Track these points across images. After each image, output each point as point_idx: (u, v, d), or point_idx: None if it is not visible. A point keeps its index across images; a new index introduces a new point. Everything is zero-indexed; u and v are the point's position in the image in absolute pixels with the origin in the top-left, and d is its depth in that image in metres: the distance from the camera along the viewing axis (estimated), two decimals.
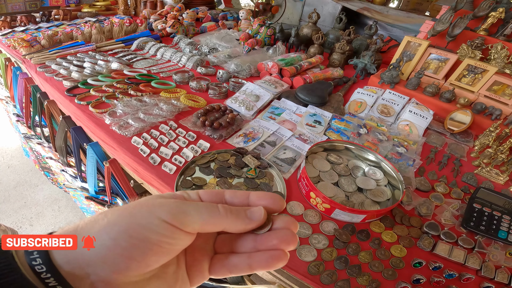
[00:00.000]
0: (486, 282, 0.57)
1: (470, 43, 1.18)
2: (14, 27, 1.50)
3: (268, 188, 0.67)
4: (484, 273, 0.58)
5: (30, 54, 1.19)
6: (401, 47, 1.25)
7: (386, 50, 1.61)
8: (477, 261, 0.60)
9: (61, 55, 1.20)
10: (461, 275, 0.57)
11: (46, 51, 1.22)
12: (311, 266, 0.55)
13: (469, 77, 1.13)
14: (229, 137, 0.82)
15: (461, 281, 0.57)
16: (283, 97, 1.04)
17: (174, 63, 1.27)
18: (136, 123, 0.81)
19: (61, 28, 1.49)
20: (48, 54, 1.21)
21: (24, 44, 1.22)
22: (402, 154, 0.89)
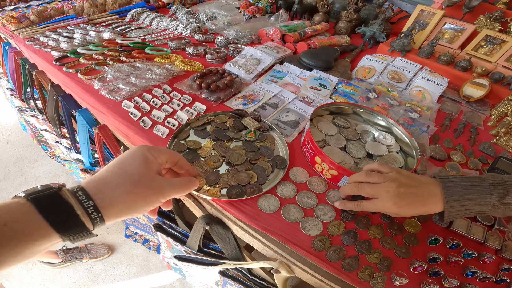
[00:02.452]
0: (505, 263, 0.52)
1: (489, 15, 1.12)
2: (4, 6, 1.44)
3: (269, 152, 0.62)
4: (505, 254, 0.52)
5: (19, 30, 1.13)
6: (413, 15, 1.17)
7: (395, 21, 1.52)
8: (497, 240, 0.54)
9: (50, 28, 1.14)
10: (480, 255, 0.52)
11: (35, 26, 1.16)
12: (316, 241, 0.50)
13: (487, 47, 1.07)
14: (227, 100, 0.76)
15: (480, 261, 0.52)
16: (286, 62, 0.97)
17: (171, 31, 1.20)
18: (127, 87, 0.76)
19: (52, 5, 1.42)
20: (38, 29, 1.14)
21: (13, 21, 1.16)
22: (415, 119, 0.82)
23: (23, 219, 0.27)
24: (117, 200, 0.32)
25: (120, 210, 0.32)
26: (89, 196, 0.30)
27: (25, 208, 0.27)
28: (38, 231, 0.27)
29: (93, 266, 1.39)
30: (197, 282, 1.01)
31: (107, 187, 0.32)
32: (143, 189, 0.34)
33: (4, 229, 0.26)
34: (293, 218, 0.53)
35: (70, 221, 0.29)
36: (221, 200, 0.53)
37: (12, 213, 0.27)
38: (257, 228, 0.52)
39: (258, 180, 0.55)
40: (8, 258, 0.26)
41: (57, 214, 0.28)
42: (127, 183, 0.33)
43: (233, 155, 0.58)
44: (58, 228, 0.28)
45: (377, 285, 0.46)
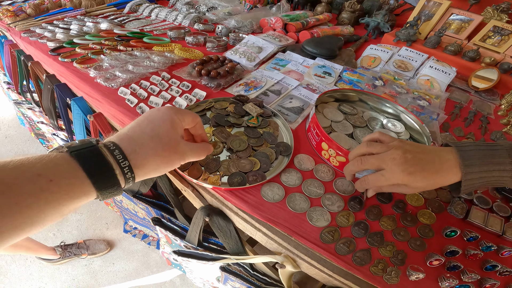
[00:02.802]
0: None
1: (496, 7, 1.10)
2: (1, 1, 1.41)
3: (273, 139, 0.58)
4: None
5: (15, 23, 1.11)
6: (418, 5, 1.15)
7: (399, 13, 1.49)
8: None
9: (47, 21, 1.11)
10: (500, 248, 0.48)
11: (32, 19, 1.14)
12: (324, 233, 0.46)
13: (495, 38, 1.05)
14: (228, 87, 0.73)
15: (499, 255, 0.48)
16: (288, 51, 0.93)
17: (170, 22, 1.17)
18: (124, 74, 0.72)
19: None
20: (34, 21, 1.12)
21: (9, 14, 1.14)
22: (425, 107, 0.79)
23: (69, 175, 0.27)
24: (148, 161, 0.33)
25: (149, 170, 0.34)
26: (125, 156, 0.31)
27: (70, 165, 0.28)
28: (81, 188, 0.28)
29: (92, 263, 1.36)
30: (197, 278, 0.98)
31: (141, 148, 0.33)
32: (170, 153, 0.35)
33: (50, 185, 0.26)
34: (299, 208, 0.49)
35: (109, 181, 0.30)
36: (221, 189, 0.50)
37: (58, 169, 0.27)
38: (261, 219, 0.48)
39: (261, 167, 0.52)
40: (48, 215, 0.26)
41: (99, 173, 0.29)
42: (158, 146, 0.34)
43: (234, 141, 0.55)
44: (98, 186, 0.29)
45: (391, 280, 0.42)
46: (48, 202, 0.26)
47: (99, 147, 0.30)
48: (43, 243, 1.28)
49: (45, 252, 1.26)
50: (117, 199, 1.02)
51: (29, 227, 0.25)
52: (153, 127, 0.35)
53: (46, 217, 0.26)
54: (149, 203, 0.79)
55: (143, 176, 0.34)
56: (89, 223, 1.51)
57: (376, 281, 0.42)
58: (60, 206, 0.27)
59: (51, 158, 0.27)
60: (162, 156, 0.34)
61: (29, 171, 0.25)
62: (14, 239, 0.25)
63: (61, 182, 0.26)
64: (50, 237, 1.44)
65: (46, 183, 0.25)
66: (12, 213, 0.24)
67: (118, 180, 0.30)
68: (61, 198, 0.26)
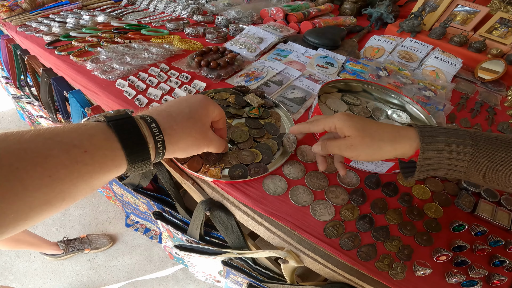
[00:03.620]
0: None
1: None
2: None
3: (275, 130, 0.57)
4: None
5: (11, 17, 1.10)
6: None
7: (403, 4, 1.45)
8: None
9: (43, 15, 1.10)
10: (508, 243, 0.46)
11: (27, 13, 1.12)
12: (328, 227, 0.45)
13: (501, 30, 1.03)
14: (229, 77, 0.71)
15: (507, 250, 0.46)
16: (290, 41, 0.91)
17: (168, 13, 1.14)
18: (121, 66, 0.71)
19: None
20: (30, 16, 1.10)
21: (4, 9, 1.12)
22: (430, 98, 0.77)
23: (104, 146, 0.26)
24: (181, 140, 0.33)
25: (179, 149, 0.34)
26: (161, 131, 0.31)
27: (106, 135, 0.27)
28: (114, 161, 0.27)
29: (95, 257, 1.37)
30: (200, 272, 0.98)
31: (178, 125, 0.33)
32: (201, 136, 0.36)
33: (84, 157, 0.25)
34: (302, 202, 0.48)
35: (142, 154, 0.29)
36: (222, 182, 0.49)
37: (93, 139, 0.26)
38: (263, 213, 0.47)
39: (263, 159, 0.50)
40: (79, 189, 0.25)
41: (133, 145, 0.28)
42: (193, 128, 0.35)
43: (235, 132, 0.54)
44: (130, 159, 0.28)
45: (397, 276, 0.41)
46: (81, 174, 0.25)
47: (135, 118, 0.30)
48: (46, 238, 1.28)
49: (48, 247, 1.26)
50: (118, 192, 1.01)
51: (60, 202, 0.24)
52: (191, 110, 0.35)
53: (77, 191, 0.25)
54: (150, 196, 0.78)
55: (172, 154, 0.34)
56: (91, 217, 1.51)
57: (382, 277, 0.41)
58: (91, 180, 0.26)
59: (87, 128, 0.26)
60: (195, 137, 0.35)
61: (64, 142, 0.24)
62: (45, 215, 0.24)
63: (95, 153, 0.26)
64: (53, 232, 1.44)
65: (81, 154, 0.25)
66: (45, 186, 0.23)
67: (149, 154, 0.30)
68: (93, 171, 0.26)
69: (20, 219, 0.22)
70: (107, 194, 1.27)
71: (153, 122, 0.31)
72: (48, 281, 1.28)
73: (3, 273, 1.29)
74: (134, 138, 0.28)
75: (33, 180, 0.22)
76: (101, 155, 0.26)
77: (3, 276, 1.28)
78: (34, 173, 0.22)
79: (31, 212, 0.23)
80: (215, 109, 0.39)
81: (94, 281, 1.30)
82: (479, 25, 1.06)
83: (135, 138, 0.29)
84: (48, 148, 0.23)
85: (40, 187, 0.22)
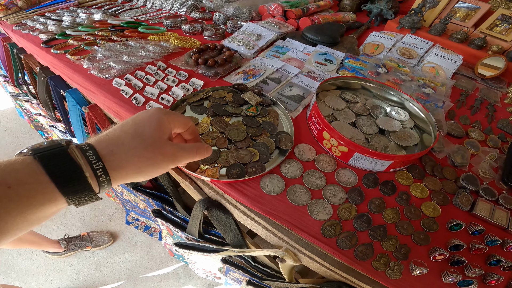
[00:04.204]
0: None
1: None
2: None
3: (273, 128, 0.56)
4: None
5: (6, 16, 1.09)
6: None
7: (403, 0, 1.44)
8: None
9: (39, 13, 1.09)
10: (505, 242, 0.46)
11: (23, 12, 1.11)
12: (325, 227, 0.45)
13: (502, 26, 1.03)
14: (226, 75, 0.70)
15: (504, 249, 0.46)
16: (288, 38, 0.90)
17: (166, 10, 1.13)
18: (118, 65, 0.70)
19: None
20: (25, 14, 1.10)
21: (0, 8, 1.11)
22: (430, 95, 0.76)
23: (29, 181, 0.25)
24: (127, 163, 0.30)
25: (127, 173, 0.30)
26: (99, 157, 0.28)
27: (31, 168, 0.25)
28: (44, 194, 0.25)
29: (97, 255, 1.37)
30: (200, 269, 0.98)
31: (119, 148, 0.30)
32: (154, 154, 0.32)
33: (8, 192, 0.24)
34: (299, 201, 0.48)
35: (78, 184, 0.27)
36: (220, 181, 0.49)
37: (17, 174, 0.24)
38: (260, 212, 0.47)
39: (260, 158, 0.50)
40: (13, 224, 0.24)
41: (65, 176, 0.26)
42: (140, 146, 0.31)
43: (232, 131, 0.53)
44: (65, 191, 0.26)
45: (394, 275, 0.41)
46: (9, 211, 0.23)
47: (69, 148, 0.27)
48: (47, 236, 1.29)
49: (50, 245, 1.27)
50: (117, 190, 1.01)
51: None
52: (136, 128, 0.32)
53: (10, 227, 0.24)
54: (149, 194, 0.78)
55: (121, 180, 0.30)
56: (92, 215, 1.51)
57: (378, 276, 0.41)
58: (24, 215, 0.24)
59: (11, 162, 0.25)
60: (145, 157, 0.31)
61: None
62: None
63: (20, 188, 0.24)
64: (54, 229, 1.45)
65: (4, 190, 0.23)
66: None
67: (89, 183, 0.27)
68: (22, 206, 0.24)
69: None
70: (107, 191, 1.27)
71: (90, 149, 0.28)
72: (51, 279, 1.29)
73: (5, 271, 1.30)
74: (65, 169, 0.26)
75: None
76: (27, 189, 0.24)
77: (6, 275, 1.29)
78: None
79: None
80: (173, 119, 0.35)
81: (95, 278, 1.31)
82: (480, 22, 1.05)
83: (67, 169, 0.26)
84: None
85: None
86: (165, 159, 0.33)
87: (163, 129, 0.33)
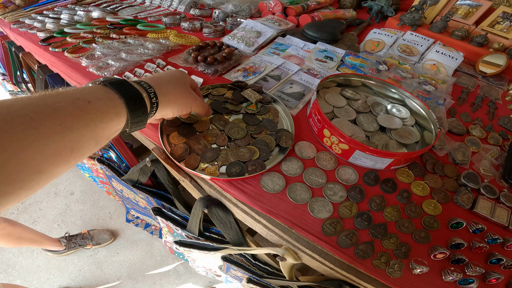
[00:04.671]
0: None
1: None
2: None
3: (273, 126, 0.56)
4: None
5: (4, 14, 1.08)
6: None
7: None
8: None
9: (37, 11, 1.08)
10: (505, 241, 0.46)
11: (21, 10, 1.10)
12: (325, 225, 0.44)
13: (504, 24, 1.02)
14: (226, 73, 0.70)
15: (505, 247, 0.46)
16: (288, 35, 0.89)
17: (165, 7, 1.12)
18: (117, 63, 0.70)
19: None
20: (23, 12, 1.09)
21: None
22: (431, 92, 0.76)
23: (104, 97, 0.31)
24: (168, 92, 0.40)
25: (169, 100, 0.40)
26: (150, 86, 0.37)
27: (105, 89, 0.32)
28: (114, 108, 0.31)
29: (97, 253, 1.38)
30: (200, 267, 0.99)
31: (162, 81, 0.40)
32: (186, 91, 0.44)
33: (88, 106, 0.29)
34: (300, 199, 0.47)
35: (139, 102, 0.34)
36: (220, 179, 0.48)
37: (95, 93, 0.30)
38: (260, 211, 0.47)
39: (260, 156, 0.50)
40: (85, 140, 0.29)
41: (129, 95, 0.33)
42: (176, 85, 0.42)
43: (232, 129, 0.53)
44: (129, 107, 0.33)
45: (394, 274, 0.41)
46: (87, 122, 0.28)
47: (128, 79, 0.37)
48: (48, 234, 1.29)
49: (51, 243, 1.27)
50: (117, 188, 1.01)
51: (69, 152, 0.27)
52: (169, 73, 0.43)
53: (84, 141, 0.28)
54: (149, 192, 0.78)
55: (164, 105, 0.39)
56: (92, 213, 1.51)
57: (379, 275, 0.41)
58: (96, 129, 0.29)
59: (88, 86, 0.32)
60: (180, 91, 0.42)
61: (70, 96, 0.28)
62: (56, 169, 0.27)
63: (97, 103, 0.29)
64: (55, 227, 1.45)
65: (85, 104, 0.28)
66: (56, 133, 0.25)
67: (145, 102, 0.35)
68: (97, 118, 0.29)
69: (34, 171, 0.24)
70: (107, 189, 1.27)
71: (142, 81, 0.37)
72: (52, 277, 1.30)
73: (6, 270, 1.30)
74: (129, 90, 0.34)
75: (46, 128, 0.25)
76: (102, 104, 0.30)
77: (7, 273, 1.30)
78: (46, 121, 0.25)
79: (44, 162, 0.25)
80: (189, 78, 0.46)
81: (96, 276, 1.32)
82: (481, 19, 1.04)
83: (130, 90, 0.34)
84: (55, 101, 0.26)
85: (52, 134, 0.25)
86: (192, 97, 0.44)
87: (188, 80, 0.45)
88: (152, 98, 0.37)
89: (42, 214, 1.50)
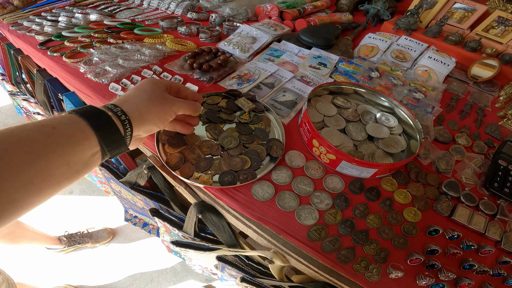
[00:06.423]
0: (504, 255, 0.49)
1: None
2: None
3: (264, 135, 0.58)
4: (504, 246, 0.49)
5: (3, 15, 1.08)
6: None
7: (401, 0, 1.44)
8: (498, 231, 0.51)
9: (35, 12, 1.09)
10: (480, 247, 0.49)
11: (19, 11, 1.11)
12: (311, 231, 0.47)
13: (498, 28, 1.03)
14: (221, 80, 0.72)
15: (479, 253, 0.49)
16: (284, 40, 0.91)
17: (162, 10, 1.13)
18: (114, 69, 0.72)
19: None
20: (21, 13, 1.09)
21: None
22: (420, 100, 0.78)
23: (69, 121, 0.31)
24: (139, 106, 0.38)
25: (142, 114, 0.38)
26: (116, 105, 0.36)
27: (69, 116, 0.32)
28: (81, 132, 0.31)
29: (96, 251, 1.41)
30: (197, 266, 1.02)
31: (128, 98, 0.39)
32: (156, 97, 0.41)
33: (53, 132, 0.29)
34: (288, 207, 0.50)
35: (105, 122, 0.33)
36: (213, 188, 0.51)
37: (59, 119, 0.31)
38: (251, 218, 0.50)
39: (251, 165, 0.52)
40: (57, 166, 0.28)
41: (95, 117, 0.33)
42: (143, 95, 0.40)
43: (225, 139, 0.55)
44: (94, 127, 0.32)
45: (372, 278, 0.44)
46: (53, 149, 0.28)
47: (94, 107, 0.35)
48: (47, 233, 1.31)
49: (50, 242, 1.29)
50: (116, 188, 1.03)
51: (41, 181, 0.27)
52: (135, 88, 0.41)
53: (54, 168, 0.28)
54: (146, 194, 0.81)
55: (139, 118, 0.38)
56: (91, 211, 1.54)
57: (358, 279, 0.44)
58: (65, 155, 0.29)
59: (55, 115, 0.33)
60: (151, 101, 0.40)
61: (36, 124, 0.29)
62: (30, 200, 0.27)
63: (62, 127, 0.30)
64: (54, 226, 1.48)
65: (50, 130, 0.29)
66: (23, 163, 0.25)
67: (112, 121, 0.34)
68: (64, 144, 0.29)
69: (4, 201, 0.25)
70: (105, 189, 1.29)
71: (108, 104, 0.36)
72: (51, 275, 1.33)
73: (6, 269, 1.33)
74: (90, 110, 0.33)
75: (12, 157, 0.25)
76: (67, 127, 0.30)
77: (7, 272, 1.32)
78: (12, 150, 0.25)
79: (15, 193, 0.25)
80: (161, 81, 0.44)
81: (95, 274, 1.35)
82: (476, 24, 1.05)
83: (92, 110, 0.33)
84: (21, 130, 0.27)
85: (19, 163, 0.25)
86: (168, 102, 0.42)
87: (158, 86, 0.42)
88: (120, 116, 0.35)
89: (41, 213, 1.53)
